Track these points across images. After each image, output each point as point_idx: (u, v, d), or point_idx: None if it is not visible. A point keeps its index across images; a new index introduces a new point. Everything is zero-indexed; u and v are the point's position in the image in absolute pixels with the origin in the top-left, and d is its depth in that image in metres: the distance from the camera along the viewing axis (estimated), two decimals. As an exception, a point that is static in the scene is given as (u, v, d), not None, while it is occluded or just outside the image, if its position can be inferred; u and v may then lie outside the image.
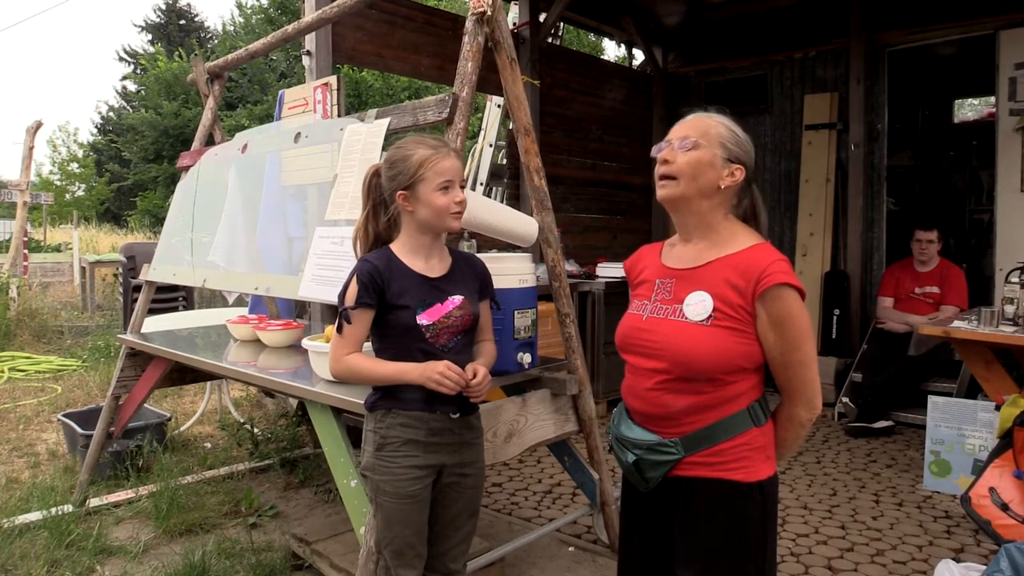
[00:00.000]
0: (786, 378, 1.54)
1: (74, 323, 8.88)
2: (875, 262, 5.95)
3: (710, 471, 1.53)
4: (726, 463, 1.52)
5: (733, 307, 1.49)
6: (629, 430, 1.62)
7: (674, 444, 1.54)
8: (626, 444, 1.61)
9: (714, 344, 1.48)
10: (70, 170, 28.96)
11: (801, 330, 1.49)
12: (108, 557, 2.99)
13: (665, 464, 1.55)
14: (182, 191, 3.73)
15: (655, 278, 1.64)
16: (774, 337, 1.49)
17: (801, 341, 1.50)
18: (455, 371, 1.79)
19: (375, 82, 19.41)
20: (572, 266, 5.43)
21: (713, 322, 1.50)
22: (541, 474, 3.96)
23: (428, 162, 1.83)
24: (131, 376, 3.55)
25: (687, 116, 1.62)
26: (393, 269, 1.86)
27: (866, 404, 4.66)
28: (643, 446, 1.57)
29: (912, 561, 2.94)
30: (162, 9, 30.96)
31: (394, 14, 4.67)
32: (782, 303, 1.48)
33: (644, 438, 1.57)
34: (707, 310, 1.50)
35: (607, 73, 6.71)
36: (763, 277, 1.47)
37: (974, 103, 11.31)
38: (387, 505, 1.86)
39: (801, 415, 1.57)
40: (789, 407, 1.58)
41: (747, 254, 1.53)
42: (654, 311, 1.59)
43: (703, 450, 1.52)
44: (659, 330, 1.56)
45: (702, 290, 1.52)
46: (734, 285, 1.50)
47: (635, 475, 1.60)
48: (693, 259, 1.59)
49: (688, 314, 1.52)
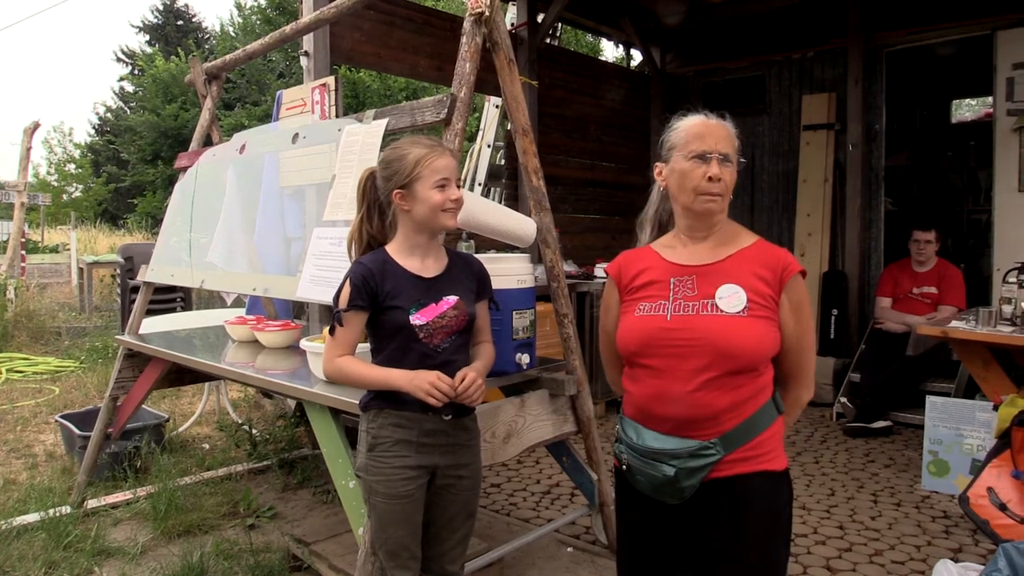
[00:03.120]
0: (798, 362, 1.62)
1: (72, 324, 8.86)
2: (873, 262, 5.96)
3: (750, 465, 1.54)
4: (763, 455, 1.55)
5: (764, 297, 1.56)
6: (660, 442, 1.54)
7: (714, 445, 1.51)
8: (659, 457, 1.53)
9: (754, 332, 1.53)
10: (66, 171, 28.94)
11: (811, 314, 1.65)
12: (106, 558, 2.99)
13: (704, 469, 1.51)
14: (180, 192, 3.73)
15: (666, 277, 1.62)
16: (793, 322, 1.58)
17: (811, 324, 1.65)
18: (445, 381, 1.78)
19: (372, 83, 19.43)
20: (570, 267, 5.43)
21: (749, 312, 1.54)
22: (539, 475, 3.96)
23: (424, 160, 1.84)
24: (129, 377, 3.55)
25: (708, 119, 1.61)
26: (387, 270, 1.86)
27: (864, 404, 4.67)
28: (683, 454, 1.51)
29: (910, 561, 2.94)
30: (160, 10, 30.92)
31: (392, 15, 4.67)
32: (800, 289, 1.60)
33: (683, 446, 1.51)
34: (743, 301, 1.54)
35: (605, 73, 6.71)
36: (787, 267, 1.58)
37: (972, 103, 11.32)
38: (380, 506, 1.86)
39: (804, 397, 1.67)
40: (795, 390, 1.66)
41: (761, 248, 1.63)
42: (678, 309, 1.57)
43: (742, 445, 1.53)
44: (694, 326, 1.53)
45: (731, 283, 1.56)
46: (761, 276, 1.57)
47: (671, 488, 1.53)
48: (710, 255, 1.62)
49: (723, 307, 1.54)
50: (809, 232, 6.02)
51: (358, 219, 1.99)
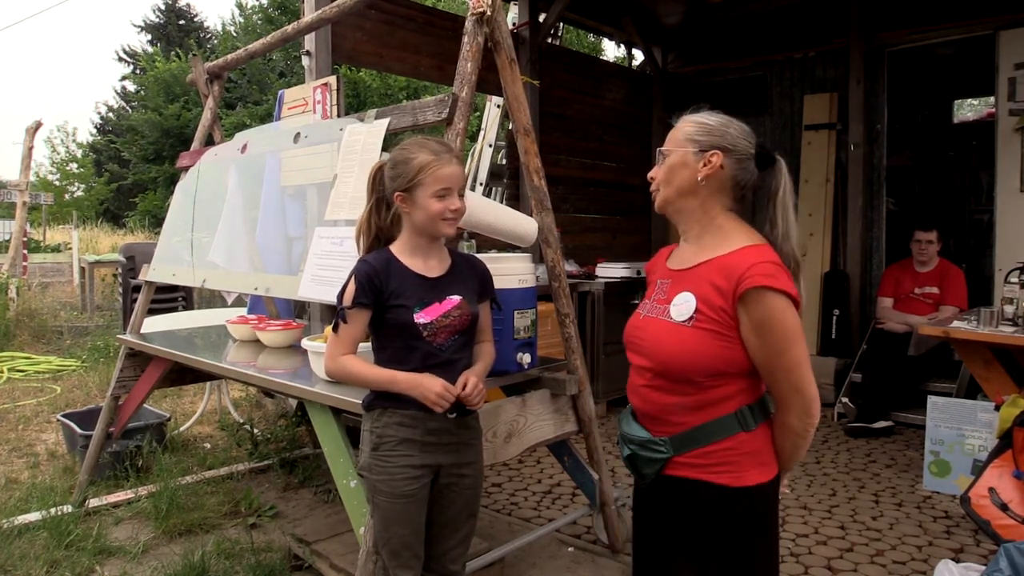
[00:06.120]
0: (773, 384, 1.51)
1: (73, 323, 8.87)
2: (875, 262, 5.95)
3: (696, 472, 1.53)
4: (712, 465, 1.52)
5: (714, 309, 1.48)
6: (628, 425, 1.66)
7: (663, 443, 1.56)
8: (624, 439, 1.66)
9: (691, 346, 1.49)
10: (68, 170, 28.96)
11: (785, 335, 1.44)
12: (107, 557, 2.99)
13: (657, 462, 1.57)
14: (182, 191, 3.73)
15: (658, 278, 1.68)
16: (756, 342, 1.46)
17: (785, 346, 1.45)
18: (452, 392, 1.81)
19: (373, 82, 19.42)
20: (572, 266, 5.42)
21: (694, 323, 1.49)
22: (541, 474, 3.96)
23: (428, 167, 1.84)
24: (130, 376, 3.55)
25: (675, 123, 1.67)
26: (392, 269, 1.87)
27: (866, 404, 4.66)
28: (637, 442, 1.60)
29: (912, 561, 2.94)
30: (161, 9, 30.95)
31: (393, 14, 4.67)
32: (763, 307, 1.43)
33: (638, 434, 1.61)
34: (689, 311, 1.50)
35: (607, 73, 6.71)
36: (743, 279, 1.44)
37: (974, 103, 11.31)
38: (384, 505, 1.86)
39: (793, 423, 1.51)
40: (781, 415, 1.53)
41: (736, 255, 1.50)
42: (650, 310, 1.63)
43: (690, 451, 1.53)
44: (648, 329, 1.60)
45: (688, 291, 1.54)
46: (717, 286, 1.48)
47: (632, 469, 1.65)
48: (689, 260, 1.60)
49: (672, 314, 1.54)
50: (811, 232, 6.02)
51: (367, 211, 2.00)
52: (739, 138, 1.57)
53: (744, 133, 1.59)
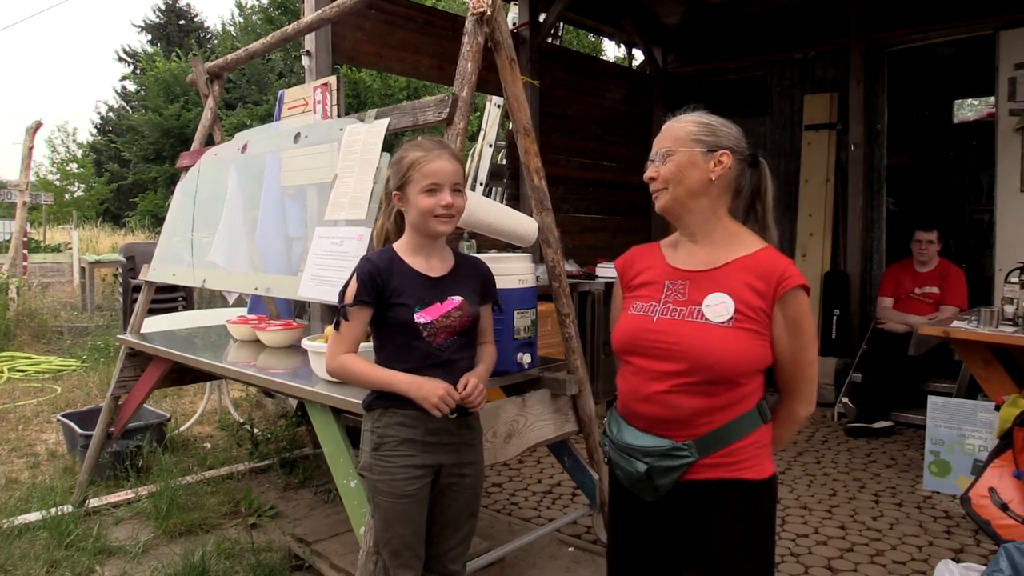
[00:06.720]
0: (793, 378, 1.57)
1: (74, 323, 8.87)
2: (875, 262, 5.95)
3: (720, 472, 1.52)
4: (740, 462, 1.52)
5: (753, 309, 1.50)
6: (636, 438, 1.57)
7: (688, 447, 1.52)
8: (634, 453, 1.56)
9: (737, 346, 1.49)
10: (68, 170, 28.96)
11: (811, 331, 1.55)
12: (108, 557, 2.99)
13: (678, 469, 1.52)
14: (182, 191, 3.73)
15: (662, 279, 1.62)
16: (788, 339, 1.52)
17: (811, 342, 1.55)
18: (453, 396, 1.82)
19: (373, 82, 19.43)
20: (572, 266, 5.43)
21: (735, 324, 1.50)
22: (541, 474, 3.96)
23: (417, 164, 1.85)
24: (131, 376, 3.55)
25: (668, 122, 1.65)
26: (394, 268, 1.88)
27: (866, 404, 4.66)
28: (655, 453, 1.53)
29: (912, 561, 2.94)
30: (161, 9, 30.95)
31: (393, 14, 4.67)
32: (799, 305, 1.52)
33: (656, 444, 1.53)
34: (728, 312, 1.50)
35: (607, 73, 6.71)
36: (783, 279, 1.50)
37: (974, 103, 11.31)
38: (384, 505, 1.86)
39: (800, 412, 1.62)
40: (790, 405, 1.61)
41: (761, 257, 1.55)
42: (666, 312, 1.57)
43: (717, 451, 1.52)
44: (676, 332, 1.53)
45: (721, 291, 1.53)
46: (754, 288, 1.51)
47: (645, 484, 1.55)
48: (706, 261, 1.58)
49: (709, 315, 1.51)
50: (811, 232, 6.02)
51: (382, 216, 2.03)
52: (739, 139, 1.60)
53: (740, 134, 1.62)
